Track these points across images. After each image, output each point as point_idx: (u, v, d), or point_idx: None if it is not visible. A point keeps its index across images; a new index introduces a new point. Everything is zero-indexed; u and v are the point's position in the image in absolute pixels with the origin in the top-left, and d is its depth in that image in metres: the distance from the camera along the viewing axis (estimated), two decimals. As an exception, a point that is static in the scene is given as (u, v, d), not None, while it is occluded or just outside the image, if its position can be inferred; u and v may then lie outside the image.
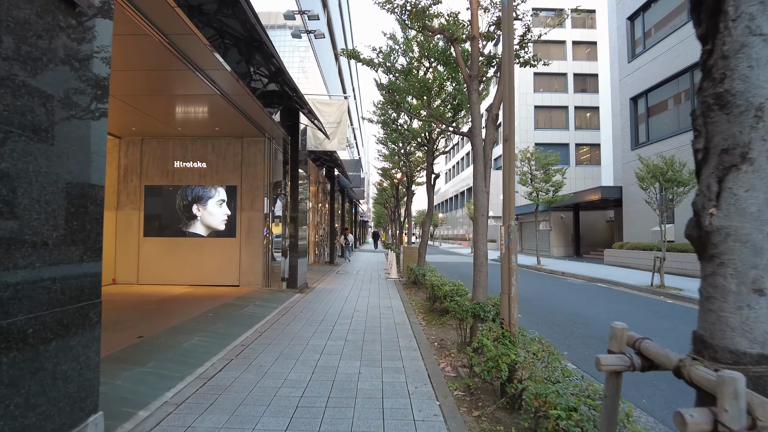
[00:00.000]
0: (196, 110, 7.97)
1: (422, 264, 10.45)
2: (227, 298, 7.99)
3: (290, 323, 6.17)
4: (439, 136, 9.90)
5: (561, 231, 28.84)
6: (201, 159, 9.62)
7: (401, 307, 7.67)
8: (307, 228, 15.34)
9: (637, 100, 20.48)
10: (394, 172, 18.62)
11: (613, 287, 13.01)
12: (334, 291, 9.66)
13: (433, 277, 7.94)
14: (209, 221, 9.54)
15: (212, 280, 9.46)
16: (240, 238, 9.48)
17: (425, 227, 10.45)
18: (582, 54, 43.44)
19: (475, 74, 4.95)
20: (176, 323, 5.78)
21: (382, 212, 43.83)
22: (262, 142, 9.56)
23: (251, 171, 9.56)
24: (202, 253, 9.50)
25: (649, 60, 19.10)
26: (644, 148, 19.55)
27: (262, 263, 9.40)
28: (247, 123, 8.50)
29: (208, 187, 9.58)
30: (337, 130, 9.73)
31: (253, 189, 9.53)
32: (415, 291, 9.79)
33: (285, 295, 8.63)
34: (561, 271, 17.42)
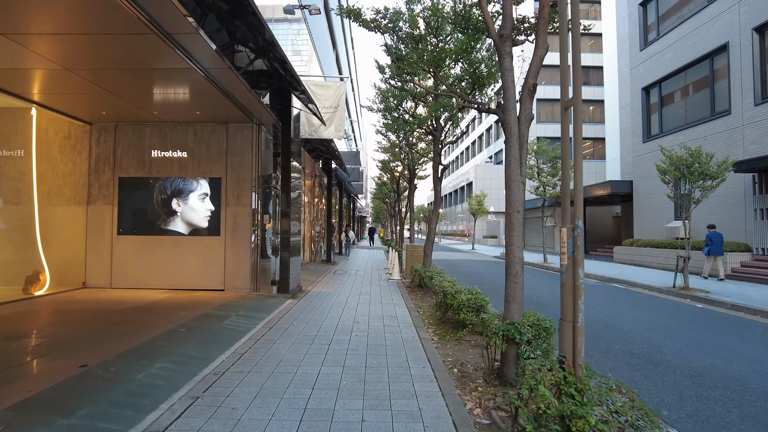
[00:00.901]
0: (173, 91, 6.92)
1: (428, 265, 9.47)
2: (208, 306, 6.98)
3: (277, 341, 5.17)
4: (447, 122, 8.87)
5: (566, 227, 27.92)
6: (181, 148, 8.57)
7: (408, 317, 6.68)
8: (301, 224, 14.32)
9: (649, 90, 19.49)
10: (394, 165, 17.60)
11: (631, 288, 12.08)
12: (331, 295, 8.66)
13: (444, 281, 6.95)
14: (190, 218, 8.52)
15: (194, 283, 8.45)
16: (225, 237, 8.46)
17: (431, 224, 9.45)
18: (585, 46, 42.43)
19: (507, 33, 3.94)
20: (140, 342, 4.77)
21: (380, 207, 42.84)
22: (250, 129, 8.52)
23: (237, 161, 8.52)
24: (182, 254, 8.48)
25: (663, 47, 18.09)
26: (657, 140, 18.60)
27: (249, 265, 8.39)
28: (232, 106, 7.46)
29: (190, 179, 8.54)
30: (334, 115, 8.70)
31: (239, 181, 8.49)
32: (422, 295, 8.80)
33: (275, 302, 7.63)
34: (570, 270, 16.45)
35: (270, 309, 7.00)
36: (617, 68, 27.48)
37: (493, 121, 48.17)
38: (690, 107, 16.91)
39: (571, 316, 2.55)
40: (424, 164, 15.73)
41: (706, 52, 15.54)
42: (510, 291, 3.83)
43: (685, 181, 11.41)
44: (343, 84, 8.73)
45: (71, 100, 7.39)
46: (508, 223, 3.87)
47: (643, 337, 6.23)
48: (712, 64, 15.61)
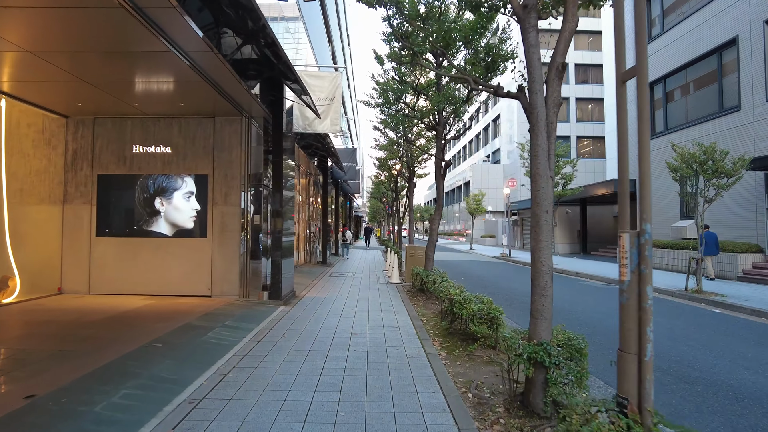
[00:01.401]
0: (154, 79, 6.30)
1: (430, 268, 8.89)
2: (191, 314, 6.36)
3: (266, 357, 4.57)
4: (451, 116, 8.29)
5: (566, 227, 27.45)
6: (165, 143, 7.94)
7: (411, 327, 6.10)
8: (295, 225, 13.70)
9: (653, 87, 19.00)
10: (393, 163, 17.02)
11: (641, 291, 11.54)
12: (326, 301, 8.07)
13: (450, 287, 6.38)
14: (175, 218, 7.89)
15: (178, 288, 7.83)
16: (212, 239, 7.84)
17: (434, 224, 8.87)
18: (584, 44, 42.10)
19: (532, 3, 3.37)
20: (106, 362, 4.16)
21: (377, 207, 42.23)
22: (239, 123, 7.91)
23: (225, 157, 7.91)
24: (166, 257, 7.86)
25: (668, 42, 17.61)
26: (661, 138, 18.13)
27: (238, 269, 7.78)
28: (218, 97, 6.85)
29: (174, 176, 7.92)
30: (329, 108, 8.10)
31: (227, 179, 7.88)
32: (424, 301, 8.22)
33: (265, 310, 7.03)
34: (574, 271, 15.99)
35: (259, 318, 6.39)
36: (618, 65, 27.02)
37: (491, 120, 47.71)
38: (697, 104, 16.43)
39: (636, 346, 1.98)
40: (424, 162, 15.15)
41: (714, 46, 15.06)
42: (537, 305, 3.26)
43: (697, 179, 10.89)
44: (339, 74, 8.13)
45: (44, 90, 6.75)
46: (534, 225, 3.29)
47: (669, 349, 5.69)
48: (720, 59, 15.13)
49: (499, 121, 46.05)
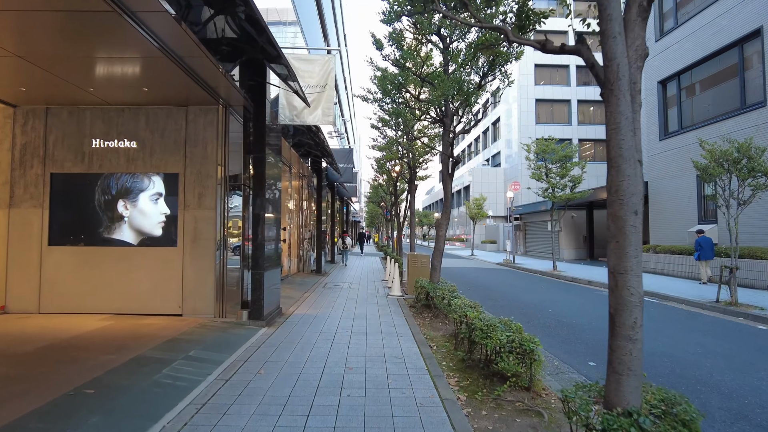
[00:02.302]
0: (108, 55, 5.21)
1: (437, 280, 7.78)
2: (152, 341, 5.23)
3: (231, 408, 3.45)
4: (461, 105, 7.22)
5: (571, 232, 26.41)
6: (130, 136, 6.84)
7: (418, 357, 4.98)
8: (288, 230, 12.58)
9: (666, 84, 18.06)
10: (392, 165, 15.94)
11: (666, 303, 10.48)
12: (317, 320, 6.94)
13: (466, 307, 5.27)
14: (141, 224, 6.77)
15: (144, 306, 6.69)
16: (183, 248, 6.72)
17: (441, 229, 7.76)
18: (585, 45, 41.18)
19: None
20: (4, 423, 3.02)
21: (375, 212, 41.13)
22: (215, 112, 6.81)
23: (199, 152, 6.80)
24: (130, 269, 6.73)
25: (683, 37, 16.67)
26: (675, 138, 17.16)
27: (213, 283, 6.65)
28: (190, 82, 5.77)
29: (140, 175, 6.80)
30: (320, 96, 7.02)
31: (201, 178, 6.77)
32: (431, 319, 7.10)
33: (243, 333, 5.89)
34: (586, 280, 14.90)
35: (234, 345, 5.26)
36: (624, 64, 26.12)
37: (490, 123, 46.89)
38: (715, 100, 15.44)
39: None
40: (425, 162, 14.07)
41: (735, 39, 14.10)
42: (621, 353, 2.16)
43: (730, 179, 9.83)
44: (332, 58, 7.07)
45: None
46: (617, 233, 2.20)
47: (732, 382, 4.59)
48: (742, 52, 14.16)
49: (498, 125, 45.24)
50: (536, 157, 19.18)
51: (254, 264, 6.41)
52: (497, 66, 7.14)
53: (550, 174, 18.59)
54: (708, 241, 12.77)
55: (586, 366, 5.28)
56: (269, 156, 6.84)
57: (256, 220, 6.46)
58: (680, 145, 16.90)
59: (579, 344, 6.30)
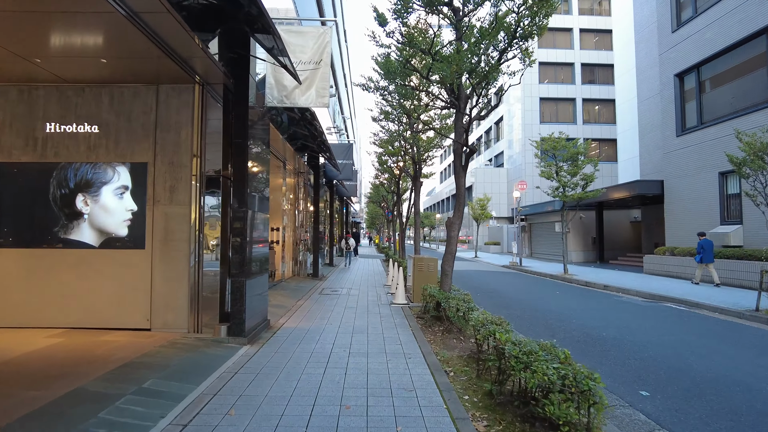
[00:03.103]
0: (55, 19, 4.23)
1: (448, 288, 6.77)
2: (103, 365, 4.22)
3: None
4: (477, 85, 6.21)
5: (580, 233, 25.39)
6: (91, 119, 5.84)
7: (433, 388, 3.96)
8: (275, 231, 11.57)
9: (683, 77, 17.06)
10: (394, 162, 14.93)
11: (697, 311, 9.45)
12: (310, 336, 5.93)
13: (490, 324, 4.26)
14: (103, 222, 5.76)
15: (106, 319, 5.68)
16: (152, 251, 5.71)
17: (453, 230, 6.73)
18: (590, 43, 40.54)
19: None
20: None
21: (376, 212, 40.12)
22: (190, 92, 5.82)
23: (172, 139, 5.80)
24: (90, 276, 5.72)
25: (703, 26, 15.67)
26: (694, 134, 16.16)
27: (187, 292, 5.64)
28: (159, 53, 4.80)
29: (103, 165, 5.80)
30: (314, 75, 6.03)
31: (174, 168, 5.77)
32: (443, 334, 6.08)
33: (219, 353, 4.88)
34: (602, 284, 13.89)
35: (204, 371, 4.25)
36: (635, 59, 25.19)
37: (493, 123, 46.03)
38: (739, 92, 14.43)
39: None
40: (430, 159, 13.06)
41: (764, 25, 13.10)
42: None
43: (772, 175, 8.83)
44: (329, 30, 6.08)
45: None
46: None
47: None
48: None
49: (501, 124, 44.37)
50: (546, 154, 18.19)
51: (235, 270, 5.40)
52: (519, 40, 6.15)
53: (561, 172, 17.60)
54: (709, 244, 12.96)
55: (637, 396, 4.27)
56: (254, 143, 5.84)
57: (238, 218, 5.45)
58: (699, 141, 15.90)
59: (619, 365, 5.29)
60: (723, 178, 14.88)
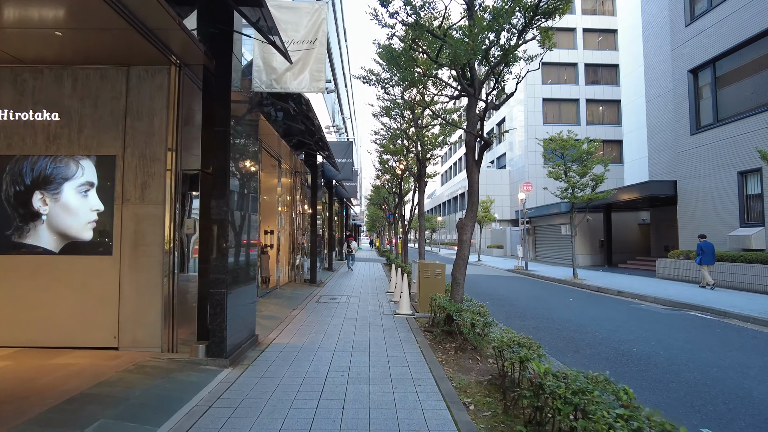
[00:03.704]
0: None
1: (459, 298, 6.00)
2: (45, 399, 3.44)
3: None
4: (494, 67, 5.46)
5: (587, 236, 24.62)
6: (51, 106, 5.08)
7: (450, 427, 3.19)
8: (269, 234, 10.79)
9: (698, 73, 16.34)
10: (396, 161, 14.18)
11: (728, 321, 8.65)
12: (302, 356, 5.15)
13: (517, 346, 3.49)
14: (65, 224, 5.00)
15: (67, 336, 4.91)
16: (121, 257, 4.94)
17: (465, 232, 5.95)
18: (593, 43, 39.94)
19: None
20: None
21: (377, 215, 39.37)
22: (166, 75, 5.06)
23: (144, 128, 5.05)
24: (49, 286, 4.96)
25: (719, 19, 14.95)
26: (710, 132, 15.41)
27: (160, 305, 4.87)
28: (128, 28, 4.08)
29: (64, 158, 5.04)
30: (308, 56, 5.28)
31: (146, 162, 5.01)
32: (455, 353, 5.30)
33: (193, 380, 4.11)
34: (615, 290, 13.12)
35: (170, 407, 3.47)
36: (643, 57, 24.50)
37: (495, 125, 45.35)
38: (760, 87, 13.68)
39: None
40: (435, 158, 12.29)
41: (787, 16, 12.40)
42: None
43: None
44: (325, 6, 5.33)
45: None
46: None
47: None
48: (796, 32, 12.45)
49: (503, 125, 43.71)
50: (554, 154, 17.44)
51: (214, 280, 4.63)
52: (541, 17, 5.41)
53: (570, 172, 16.86)
54: (710, 246, 12.98)
55: (698, 435, 3.49)
56: (239, 133, 5.08)
57: (219, 219, 4.68)
58: (715, 139, 15.16)
59: (663, 390, 4.52)
60: (742, 178, 14.13)
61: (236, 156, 5.02)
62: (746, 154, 13.66)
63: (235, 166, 4.99)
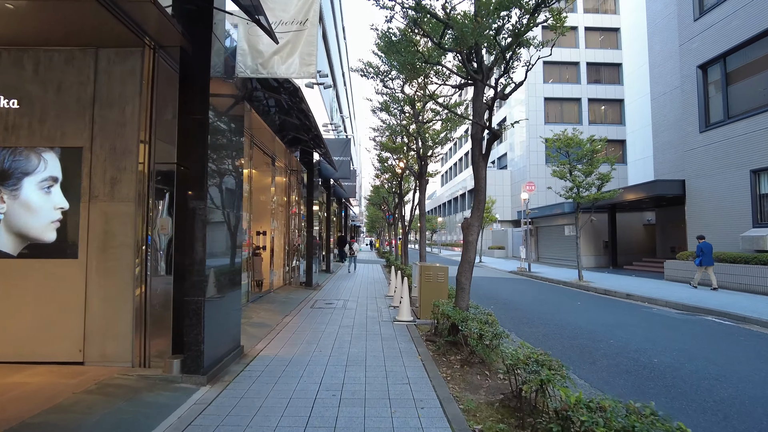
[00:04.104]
0: None
1: (465, 305, 5.47)
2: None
3: None
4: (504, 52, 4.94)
5: (591, 237, 24.09)
6: (9, 92, 4.56)
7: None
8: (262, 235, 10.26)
9: (706, 69, 15.82)
10: (396, 159, 13.66)
11: (749, 327, 8.12)
12: (290, 371, 4.63)
13: (537, 365, 2.97)
14: (24, 224, 4.48)
15: (25, 350, 4.38)
16: (88, 260, 4.42)
17: (471, 233, 5.42)
18: (595, 41, 39.51)
19: None
20: None
21: (376, 215, 38.84)
22: (139, 58, 4.55)
23: (115, 118, 4.53)
24: (6, 294, 4.44)
25: (731, 12, 14.43)
26: (721, 129, 14.89)
27: (131, 314, 4.35)
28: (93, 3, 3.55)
29: (24, 151, 4.52)
30: (298, 37, 4.77)
31: (117, 155, 4.50)
32: (461, 367, 4.76)
33: (164, 401, 3.58)
34: (624, 293, 12.60)
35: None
36: (647, 54, 23.99)
37: (495, 125, 44.81)
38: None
39: None
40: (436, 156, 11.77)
41: (803, 7, 11.89)
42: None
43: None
44: (316, -18, 4.84)
45: None
46: None
47: None
48: (812, 24, 11.94)
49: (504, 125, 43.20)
50: (558, 152, 16.94)
51: (190, 286, 4.10)
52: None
53: (575, 171, 16.35)
54: (709, 247, 13.03)
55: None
56: (220, 122, 4.56)
57: (195, 218, 4.16)
58: (726, 136, 14.64)
59: (697, 409, 4.00)
60: (755, 177, 13.60)
61: (218, 148, 4.50)
62: (759, 151, 13.17)
63: (216, 159, 4.47)
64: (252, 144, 8.60)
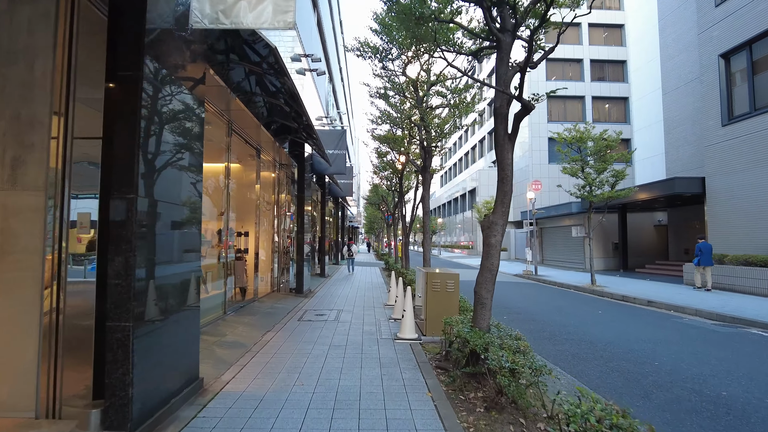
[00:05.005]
0: None
1: (486, 323, 4.30)
2: None
3: None
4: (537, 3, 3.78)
5: (600, 238, 22.95)
6: None
7: None
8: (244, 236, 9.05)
9: (729, 58, 14.73)
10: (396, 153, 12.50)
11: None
12: (258, 420, 3.46)
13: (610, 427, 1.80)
14: None
15: None
16: (-23, 271, 3.24)
17: (494, 235, 4.26)
18: (599, 38, 38.54)
19: None
20: None
21: (375, 216, 37.65)
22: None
23: (18, 77, 3.37)
24: None
25: (758, -5, 13.34)
26: (745, 122, 13.79)
27: (36, 344, 3.17)
28: None
29: None
30: (271, -23, 3.61)
31: (21, 128, 3.33)
32: (487, 411, 3.59)
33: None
34: (645, 299, 11.50)
35: None
36: (659, 48, 22.90)
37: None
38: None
39: None
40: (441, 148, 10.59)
41: None
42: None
43: None
44: None
45: None
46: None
47: None
48: None
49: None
50: (569, 147, 15.83)
51: (113, 307, 2.93)
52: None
53: (587, 168, 15.24)
54: (708, 247, 13.10)
55: None
56: (160, 82, 3.39)
57: (121, 213, 2.99)
58: (753, 130, 13.53)
59: None
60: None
61: (161, 120, 3.34)
62: (793, 145, 12.07)
63: (157, 133, 3.30)
64: (230, 131, 7.43)
